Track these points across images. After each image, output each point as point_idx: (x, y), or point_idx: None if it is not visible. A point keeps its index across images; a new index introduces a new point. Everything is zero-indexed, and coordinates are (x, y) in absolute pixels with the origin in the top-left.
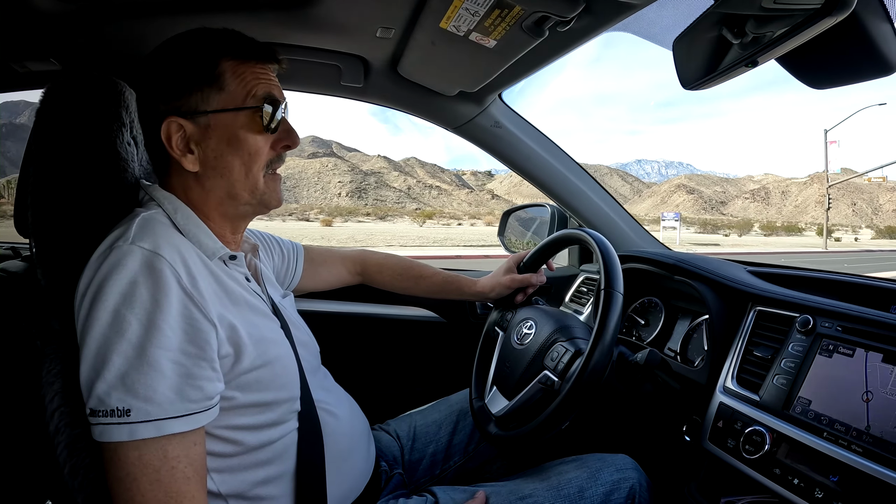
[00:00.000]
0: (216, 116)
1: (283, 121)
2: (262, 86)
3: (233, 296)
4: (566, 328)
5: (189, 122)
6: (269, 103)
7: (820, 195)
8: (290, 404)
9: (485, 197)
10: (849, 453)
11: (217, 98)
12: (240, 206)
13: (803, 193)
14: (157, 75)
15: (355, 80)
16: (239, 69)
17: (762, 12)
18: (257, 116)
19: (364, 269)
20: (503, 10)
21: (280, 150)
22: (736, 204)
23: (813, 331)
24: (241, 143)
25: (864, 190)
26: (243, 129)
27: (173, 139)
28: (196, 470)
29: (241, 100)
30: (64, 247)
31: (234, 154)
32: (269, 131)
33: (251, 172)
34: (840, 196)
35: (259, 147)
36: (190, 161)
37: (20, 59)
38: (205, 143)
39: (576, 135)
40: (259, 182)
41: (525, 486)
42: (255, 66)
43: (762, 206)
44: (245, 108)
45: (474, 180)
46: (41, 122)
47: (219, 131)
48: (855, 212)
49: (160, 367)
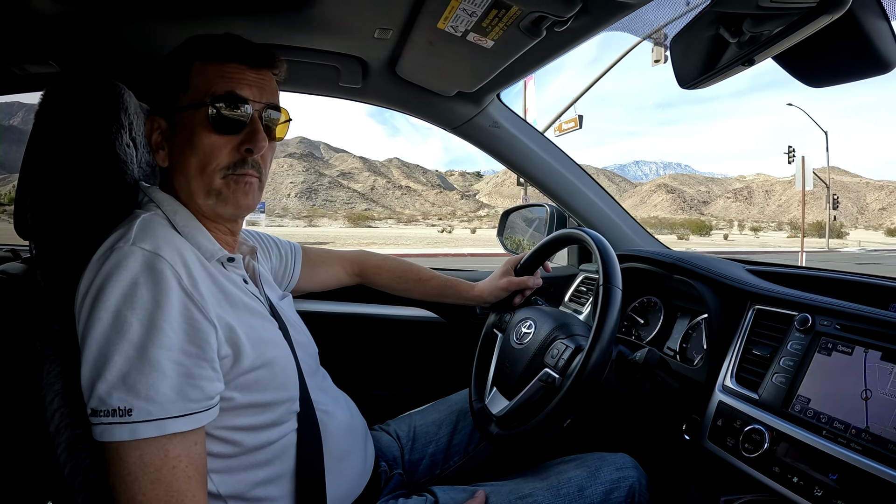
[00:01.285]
0: (180, 114)
1: (250, 122)
2: (224, 83)
3: (230, 297)
4: (565, 326)
5: (163, 120)
6: (228, 101)
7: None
8: (289, 405)
9: (454, 197)
10: (848, 451)
11: (183, 97)
12: (201, 205)
13: (787, 192)
14: (150, 78)
15: (353, 81)
16: (205, 69)
17: (759, 11)
18: (211, 115)
19: (362, 271)
20: (500, 10)
21: (243, 152)
22: (718, 204)
23: (812, 329)
24: (196, 141)
25: (850, 188)
26: (198, 126)
27: (153, 136)
28: (197, 469)
29: (199, 97)
30: (64, 248)
31: (191, 152)
32: (219, 131)
33: (205, 172)
34: (824, 194)
35: (214, 147)
36: (161, 157)
37: (19, 62)
38: (172, 141)
39: (574, 136)
40: (213, 183)
41: (525, 486)
42: (225, 66)
43: (744, 205)
44: (199, 106)
45: (462, 181)
46: (40, 125)
47: (181, 129)
48: (840, 210)
49: (161, 366)
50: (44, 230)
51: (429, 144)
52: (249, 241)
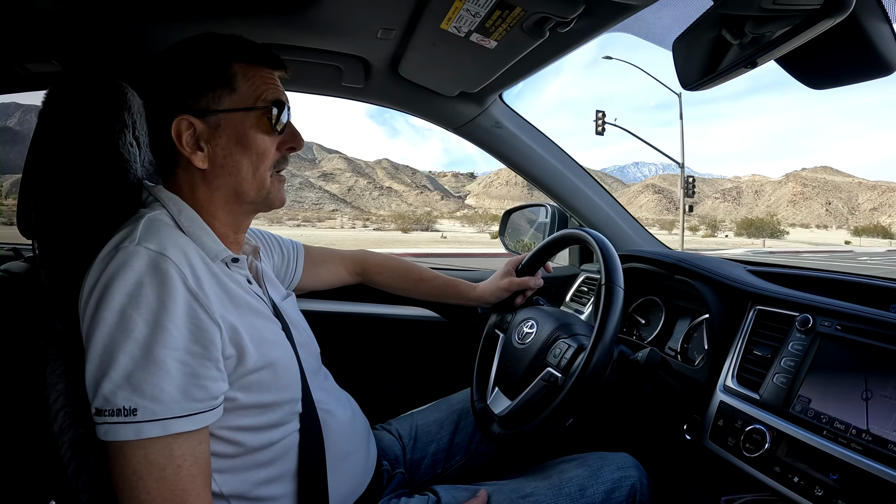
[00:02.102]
0: (227, 116)
1: (288, 123)
2: (272, 90)
3: (234, 298)
4: (567, 325)
5: (200, 121)
6: (278, 106)
7: (792, 194)
8: (292, 405)
9: (434, 198)
10: (848, 451)
11: (229, 98)
12: (245, 204)
13: (777, 193)
14: (169, 76)
15: (356, 81)
16: (249, 72)
17: (761, 13)
18: (265, 118)
19: (364, 270)
20: (504, 11)
21: (285, 151)
22: (706, 204)
23: (812, 330)
24: (249, 142)
25: (842, 188)
26: (252, 129)
27: (184, 137)
28: (201, 468)
29: (251, 101)
30: (67, 248)
31: (243, 153)
32: (276, 133)
33: (258, 171)
34: (815, 194)
35: (266, 147)
36: (200, 158)
37: (21, 61)
38: (214, 142)
39: (575, 137)
40: (266, 181)
41: (526, 485)
42: (264, 71)
43: (733, 205)
44: (255, 109)
45: (455, 182)
46: (44, 124)
47: (229, 130)
48: (829, 211)
49: (166, 366)
50: (47, 229)
51: (428, 146)
52: (252, 240)
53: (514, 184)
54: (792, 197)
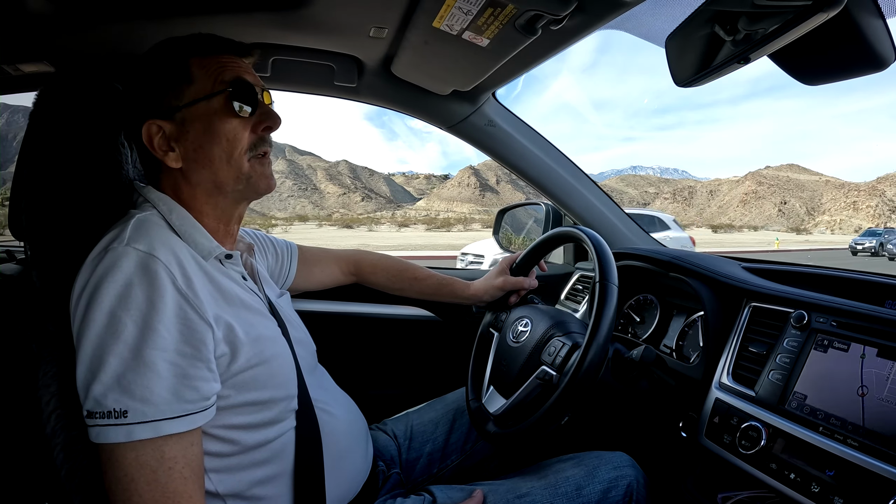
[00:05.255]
0: (189, 109)
1: (260, 103)
2: (229, 71)
3: (228, 295)
4: (562, 323)
5: (166, 122)
6: (238, 86)
7: (744, 193)
8: (287, 403)
9: (355, 199)
10: (844, 447)
11: (188, 92)
12: (227, 194)
13: (732, 192)
14: (134, 84)
15: (349, 80)
16: (205, 62)
17: (754, 9)
18: (229, 102)
19: (358, 270)
20: (496, 8)
21: (261, 132)
22: (655, 204)
23: (808, 326)
24: (216, 130)
25: (805, 187)
26: (216, 115)
27: (154, 140)
28: (193, 470)
29: (209, 87)
30: (59, 249)
31: (213, 142)
32: (244, 115)
33: (233, 158)
34: (769, 193)
35: (236, 132)
36: (172, 158)
37: (13, 61)
38: (184, 138)
39: (573, 140)
40: (243, 166)
41: (523, 485)
42: (223, 58)
43: (682, 206)
44: (214, 95)
45: (426, 184)
46: (35, 125)
47: (195, 123)
48: (782, 211)
49: (156, 367)
50: (39, 231)
51: (427, 149)
52: (246, 238)
53: (465, 185)
54: (743, 196)
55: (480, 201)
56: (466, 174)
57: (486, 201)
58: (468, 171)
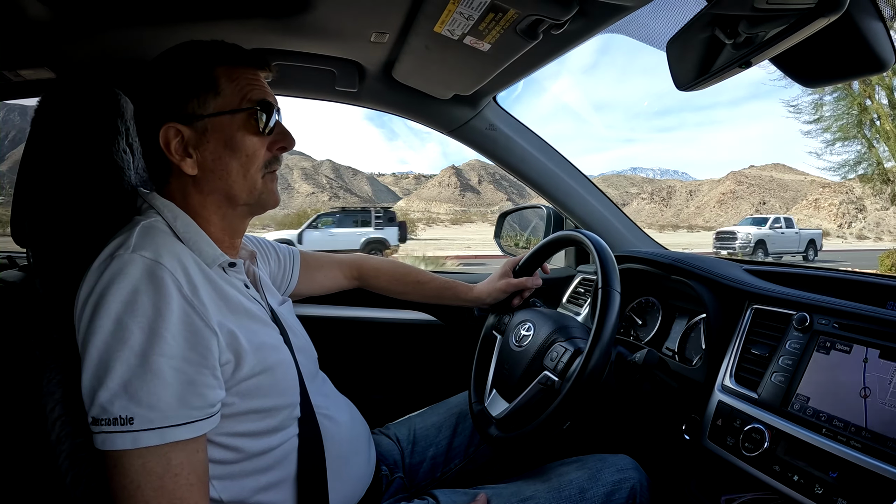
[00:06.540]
0: (213, 120)
1: (277, 123)
2: (256, 91)
3: (231, 303)
4: (564, 328)
5: (187, 128)
6: (263, 106)
7: (721, 193)
8: (290, 410)
9: (323, 198)
10: (848, 449)
11: (213, 102)
12: (238, 206)
13: (711, 192)
14: (154, 85)
15: (350, 85)
16: (233, 74)
17: (755, 13)
18: (252, 119)
19: (361, 274)
20: (497, 13)
21: (276, 151)
22: (632, 205)
23: (810, 328)
24: (238, 144)
25: (789, 187)
26: (240, 131)
27: (172, 144)
28: (199, 477)
29: (236, 103)
30: (62, 256)
31: (232, 156)
32: (264, 133)
33: (249, 173)
34: (748, 193)
35: (256, 149)
36: (189, 165)
37: (14, 68)
38: (203, 147)
39: (572, 142)
40: (257, 183)
41: (526, 488)
42: (248, 72)
43: (659, 207)
44: (241, 111)
45: (414, 184)
46: (37, 131)
47: (216, 134)
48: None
49: (163, 374)
50: (41, 237)
51: (427, 149)
52: (249, 245)
53: (446, 185)
54: (721, 196)
55: (460, 201)
56: (448, 174)
57: (465, 201)
58: (450, 170)
